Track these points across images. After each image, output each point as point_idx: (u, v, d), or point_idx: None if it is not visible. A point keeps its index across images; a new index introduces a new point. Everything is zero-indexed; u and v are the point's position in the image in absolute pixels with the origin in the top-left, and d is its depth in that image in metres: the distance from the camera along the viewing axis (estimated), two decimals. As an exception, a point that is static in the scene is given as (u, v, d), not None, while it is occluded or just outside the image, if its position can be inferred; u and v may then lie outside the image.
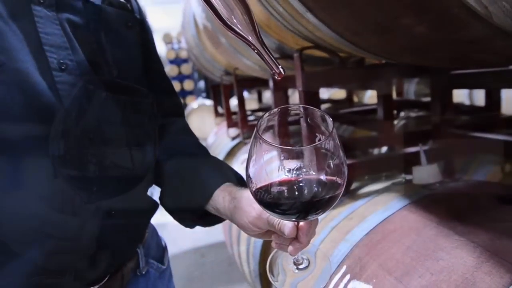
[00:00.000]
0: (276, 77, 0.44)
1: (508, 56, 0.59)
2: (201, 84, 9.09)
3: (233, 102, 3.95)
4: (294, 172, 0.50)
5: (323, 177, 0.49)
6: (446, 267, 0.62)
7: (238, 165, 2.00)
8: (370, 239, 0.81)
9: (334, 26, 0.73)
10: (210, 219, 0.73)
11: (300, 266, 0.59)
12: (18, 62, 0.52)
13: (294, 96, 3.94)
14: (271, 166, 0.50)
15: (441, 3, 0.49)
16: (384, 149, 1.76)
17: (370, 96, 3.80)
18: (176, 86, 8.55)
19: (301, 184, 0.50)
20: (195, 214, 0.71)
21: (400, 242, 0.74)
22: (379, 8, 0.57)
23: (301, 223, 0.54)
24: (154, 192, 0.78)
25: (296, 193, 0.50)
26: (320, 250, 0.69)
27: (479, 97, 3.00)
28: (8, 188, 0.52)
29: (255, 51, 0.44)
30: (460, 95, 2.86)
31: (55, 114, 0.55)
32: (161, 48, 8.51)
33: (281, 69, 0.45)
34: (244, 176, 0.76)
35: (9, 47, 0.52)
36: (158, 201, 0.76)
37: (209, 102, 6.93)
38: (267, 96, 5.01)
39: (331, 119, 0.48)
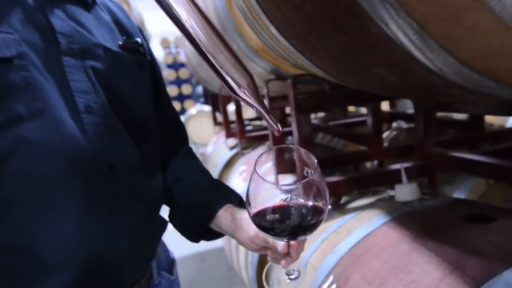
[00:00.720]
0: (275, 134, 0.55)
1: (464, 100, 0.69)
2: (199, 89, 9.05)
3: (231, 108, 4.02)
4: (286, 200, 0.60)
5: (309, 203, 0.60)
6: (416, 279, 0.72)
7: (237, 176, 2.09)
8: (354, 252, 0.91)
9: (320, 66, 0.84)
10: (213, 235, 0.82)
11: (292, 277, 0.69)
12: (53, 108, 0.61)
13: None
14: (267, 195, 0.60)
15: (405, 62, 0.59)
16: (376, 162, 1.85)
17: (364, 105, 3.87)
18: (174, 90, 8.50)
19: (291, 211, 0.60)
20: (200, 231, 0.81)
21: (379, 256, 0.84)
22: (354, 59, 0.68)
23: (292, 242, 0.64)
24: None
25: (287, 218, 0.60)
26: (309, 263, 0.79)
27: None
28: (46, 217, 0.61)
29: (257, 112, 0.54)
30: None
31: (84, 150, 0.64)
32: (159, 53, 8.36)
33: (279, 127, 0.55)
34: (239, 191, 0.86)
35: (45, 95, 0.60)
36: (168, 219, 0.86)
37: (207, 108, 6.93)
38: (264, 103, 5.08)
39: (315, 159, 0.59)
